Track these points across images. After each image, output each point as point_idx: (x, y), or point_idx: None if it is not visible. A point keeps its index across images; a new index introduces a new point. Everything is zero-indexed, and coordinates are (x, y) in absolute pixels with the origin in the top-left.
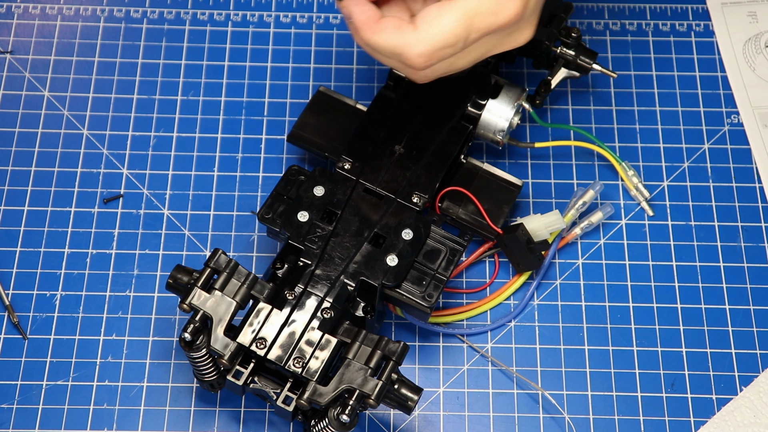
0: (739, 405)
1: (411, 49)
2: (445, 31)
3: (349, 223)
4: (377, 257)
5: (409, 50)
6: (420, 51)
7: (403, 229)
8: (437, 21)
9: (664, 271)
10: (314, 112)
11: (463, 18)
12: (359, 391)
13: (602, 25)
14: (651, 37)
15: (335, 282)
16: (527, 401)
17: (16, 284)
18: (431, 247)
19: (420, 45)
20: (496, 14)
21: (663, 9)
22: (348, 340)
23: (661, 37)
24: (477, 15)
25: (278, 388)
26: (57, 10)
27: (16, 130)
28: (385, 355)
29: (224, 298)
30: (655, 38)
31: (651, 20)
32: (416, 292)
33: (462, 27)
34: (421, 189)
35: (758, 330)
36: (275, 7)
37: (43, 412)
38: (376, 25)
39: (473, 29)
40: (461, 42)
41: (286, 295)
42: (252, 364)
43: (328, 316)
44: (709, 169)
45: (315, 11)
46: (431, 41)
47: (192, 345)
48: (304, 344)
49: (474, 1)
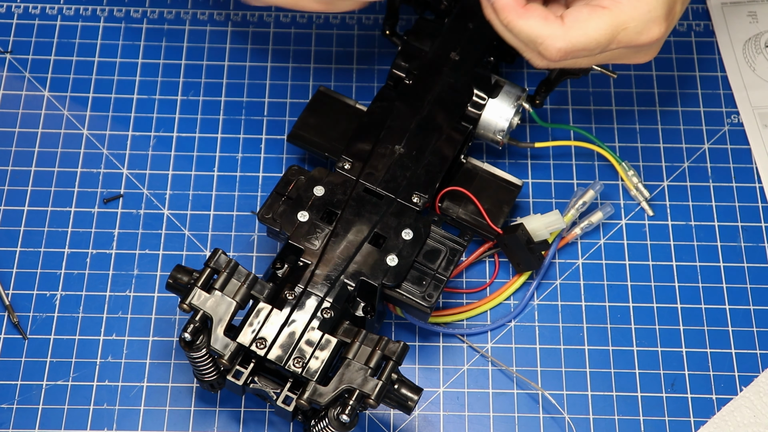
0: (739, 405)
1: (552, 42)
2: (590, 35)
3: (349, 223)
4: (377, 257)
5: (550, 42)
6: (560, 46)
7: (403, 229)
8: (587, 23)
9: (664, 271)
10: (314, 112)
11: (611, 29)
12: (359, 391)
13: None
14: None
15: (335, 282)
16: (527, 401)
17: (16, 284)
18: (431, 247)
19: (563, 41)
20: (641, 34)
21: None
22: (348, 340)
23: None
24: (624, 30)
25: (278, 388)
26: (57, 10)
27: (16, 130)
28: (385, 355)
29: (224, 298)
30: None
31: None
32: (416, 292)
33: (606, 36)
34: (421, 189)
35: (758, 330)
36: (275, 7)
37: (43, 412)
38: (522, 10)
39: (615, 41)
40: (600, 49)
41: (286, 295)
42: (252, 364)
43: (328, 316)
44: (709, 169)
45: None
46: (574, 40)
47: (192, 345)
48: (304, 344)
49: (625, 16)
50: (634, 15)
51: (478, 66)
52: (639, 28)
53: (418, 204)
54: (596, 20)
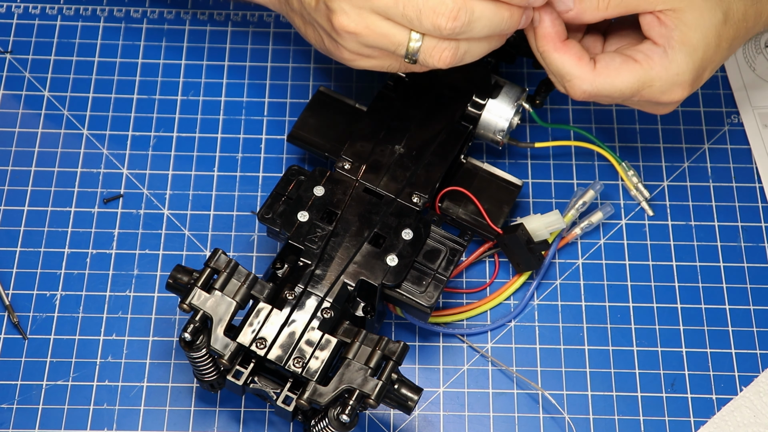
0: (739, 405)
1: (579, 84)
2: (615, 85)
3: (349, 223)
4: (377, 257)
5: (578, 83)
6: (586, 89)
7: (403, 229)
8: (615, 73)
9: (664, 271)
10: (314, 112)
11: (638, 84)
12: (359, 391)
13: None
14: None
15: (335, 282)
16: (527, 401)
17: (16, 284)
18: (431, 247)
19: (589, 85)
20: (664, 93)
21: None
22: (348, 340)
23: None
24: (649, 87)
25: (278, 388)
26: (57, 10)
27: (16, 130)
28: (385, 355)
29: (224, 298)
30: None
31: None
32: (416, 292)
33: (632, 90)
34: (420, 189)
35: (758, 330)
36: None
37: (43, 412)
38: (560, 44)
39: (638, 95)
40: (622, 99)
41: (286, 295)
42: (252, 364)
43: (328, 316)
44: (709, 169)
45: None
46: (600, 87)
47: (192, 345)
48: (304, 344)
49: (653, 74)
50: (663, 75)
51: (478, 66)
52: (664, 88)
53: (418, 204)
54: (626, 73)
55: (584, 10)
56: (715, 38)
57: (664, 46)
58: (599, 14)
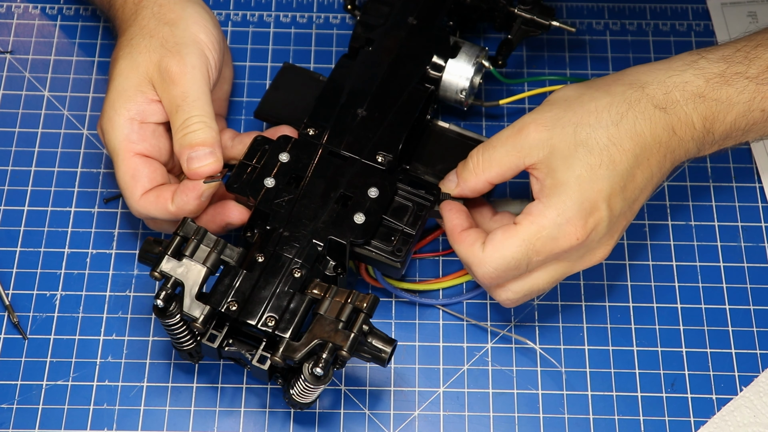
0: (739, 405)
1: (477, 269)
2: (506, 255)
3: (315, 186)
4: (345, 216)
5: (476, 269)
6: (485, 272)
7: (369, 188)
8: (501, 245)
9: (664, 271)
10: (280, 88)
11: (525, 243)
12: (332, 344)
13: (602, 25)
14: (651, 37)
15: (304, 242)
16: (527, 401)
17: (16, 284)
18: (399, 204)
19: (485, 266)
20: (557, 239)
21: (663, 9)
22: (319, 294)
23: (661, 37)
24: (538, 240)
25: (253, 350)
26: (57, 10)
27: (16, 130)
28: (356, 308)
29: (195, 265)
30: (655, 38)
31: (651, 20)
32: (385, 248)
33: (523, 252)
34: (384, 148)
35: (758, 330)
36: (275, 7)
37: (43, 412)
38: (458, 235)
39: (534, 252)
40: (524, 264)
41: (257, 257)
42: (226, 327)
43: (299, 275)
44: (709, 168)
45: (315, 11)
46: (495, 264)
47: (165, 312)
48: (275, 303)
49: (536, 226)
50: (544, 222)
51: (436, 29)
52: (553, 234)
53: (383, 163)
54: (509, 240)
55: (466, 180)
56: (585, 169)
57: (540, 197)
58: (479, 180)
